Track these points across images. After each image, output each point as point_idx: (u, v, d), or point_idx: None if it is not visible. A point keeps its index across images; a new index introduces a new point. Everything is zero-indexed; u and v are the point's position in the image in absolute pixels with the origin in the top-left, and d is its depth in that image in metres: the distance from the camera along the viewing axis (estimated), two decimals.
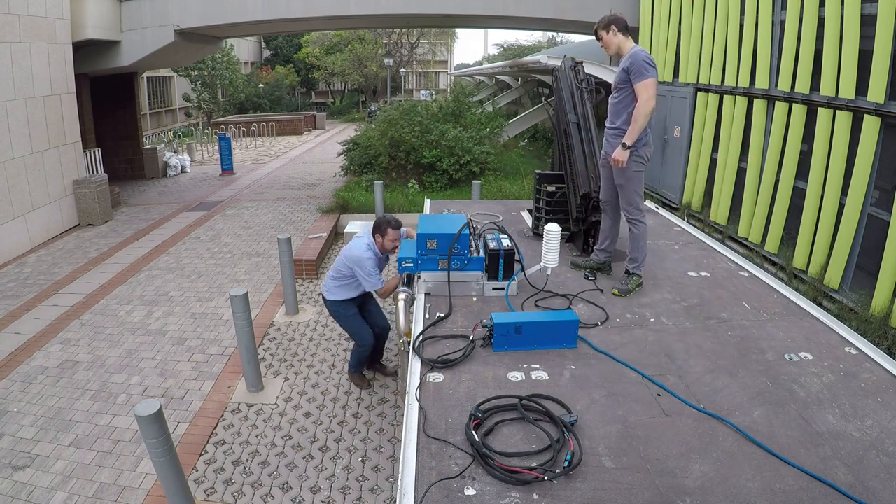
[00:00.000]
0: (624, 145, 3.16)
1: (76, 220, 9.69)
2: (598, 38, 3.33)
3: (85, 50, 10.55)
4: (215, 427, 4.14)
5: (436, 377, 2.30)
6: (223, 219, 10.24)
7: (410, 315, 3.09)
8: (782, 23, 7.01)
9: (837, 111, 6.03)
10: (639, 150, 3.23)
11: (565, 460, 1.77)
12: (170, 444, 2.84)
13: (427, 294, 3.10)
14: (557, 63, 5.06)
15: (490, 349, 2.51)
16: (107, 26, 10.60)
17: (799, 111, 6.69)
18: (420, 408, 2.09)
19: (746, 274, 3.51)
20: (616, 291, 3.21)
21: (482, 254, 3.14)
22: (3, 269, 7.59)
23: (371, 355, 4.67)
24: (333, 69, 34.15)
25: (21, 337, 5.54)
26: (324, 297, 4.39)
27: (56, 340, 5.46)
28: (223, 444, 3.97)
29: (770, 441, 1.90)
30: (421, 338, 2.61)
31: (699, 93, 8.97)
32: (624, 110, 3.27)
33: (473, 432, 1.88)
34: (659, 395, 2.19)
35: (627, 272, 3.32)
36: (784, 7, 6.97)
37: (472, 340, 2.53)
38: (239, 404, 4.43)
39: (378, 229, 4.06)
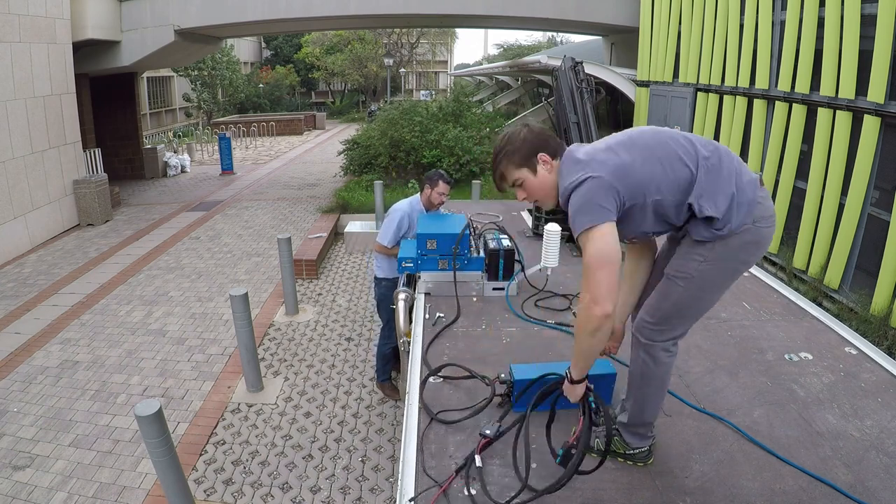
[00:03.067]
0: (568, 377, 1.65)
1: (76, 220, 9.69)
2: (514, 184, 1.69)
3: (85, 50, 10.55)
4: (215, 427, 4.14)
5: (436, 378, 2.30)
6: (223, 219, 10.24)
7: (410, 316, 3.10)
8: (782, 23, 7.02)
9: (837, 111, 6.03)
10: (727, 237, 1.53)
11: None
12: (170, 444, 2.84)
13: (427, 294, 3.10)
14: (557, 63, 5.05)
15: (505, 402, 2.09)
16: (107, 26, 10.60)
17: (799, 111, 6.69)
18: (420, 408, 2.09)
19: (746, 274, 3.51)
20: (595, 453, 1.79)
21: (482, 254, 3.14)
22: (3, 269, 7.59)
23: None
24: (333, 69, 34.11)
25: (21, 337, 5.54)
26: (376, 279, 4.33)
27: (56, 340, 5.46)
28: (223, 444, 3.97)
29: (770, 441, 1.90)
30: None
31: (699, 93, 8.98)
32: (641, 227, 1.61)
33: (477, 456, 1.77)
34: None
35: (614, 428, 1.80)
36: (784, 7, 6.97)
37: (489, 396, 2.07)
38: (239, 404, 4.44)
39: (429, 180, 4.05)
